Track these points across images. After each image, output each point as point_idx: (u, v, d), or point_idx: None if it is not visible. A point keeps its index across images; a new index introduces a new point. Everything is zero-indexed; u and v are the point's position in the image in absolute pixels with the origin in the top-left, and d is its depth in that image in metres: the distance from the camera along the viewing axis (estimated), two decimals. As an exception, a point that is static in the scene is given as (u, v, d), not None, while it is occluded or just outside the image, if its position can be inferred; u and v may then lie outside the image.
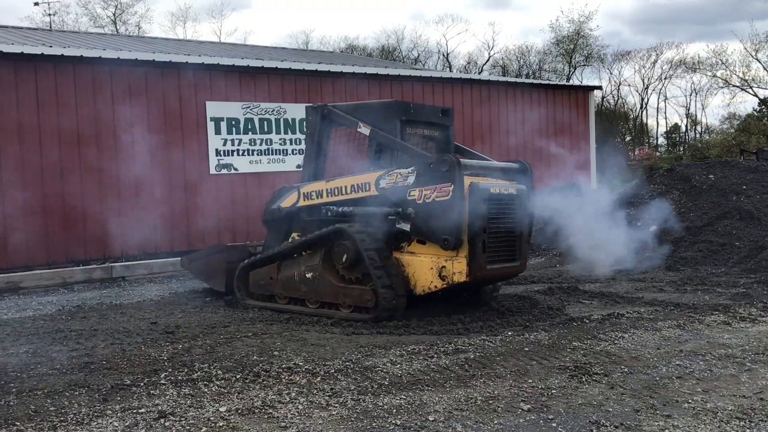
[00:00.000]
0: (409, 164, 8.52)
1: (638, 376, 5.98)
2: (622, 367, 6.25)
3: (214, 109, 14.73)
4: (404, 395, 5.59)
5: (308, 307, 9.01)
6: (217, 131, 14.76)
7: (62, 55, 13.28)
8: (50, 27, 37.65)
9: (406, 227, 8.48)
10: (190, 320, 8.68)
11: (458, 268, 8.15)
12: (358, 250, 8.46)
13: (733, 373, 6.05)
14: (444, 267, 8.20)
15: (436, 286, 8.32)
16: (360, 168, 9.33)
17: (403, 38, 65.17)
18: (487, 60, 62.98)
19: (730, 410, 5.16)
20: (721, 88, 50.04)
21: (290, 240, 9.64)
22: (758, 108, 46.53)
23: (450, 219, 8.07)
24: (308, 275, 9.00)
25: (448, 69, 59.01)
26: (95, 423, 5.10)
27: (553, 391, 5.63)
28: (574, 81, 54.38)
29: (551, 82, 27.38)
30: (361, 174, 9.07)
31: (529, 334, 7.52)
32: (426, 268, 8.35)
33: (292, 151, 15.77)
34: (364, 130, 9.19)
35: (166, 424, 5.05)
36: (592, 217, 11.19)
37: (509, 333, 7.63)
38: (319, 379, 6.05)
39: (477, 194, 8.13)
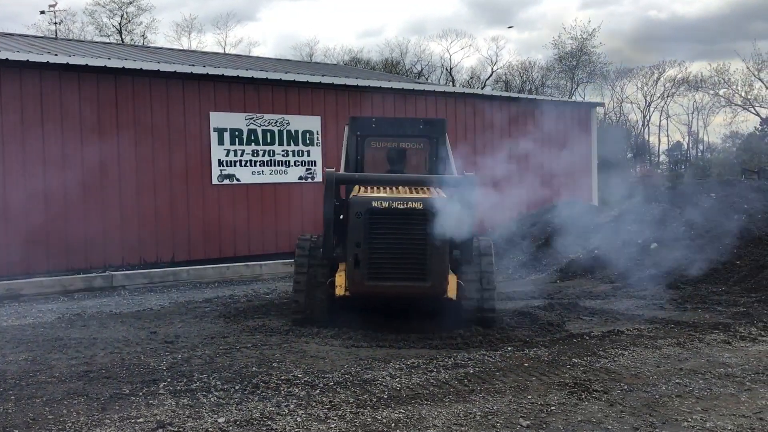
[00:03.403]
0: None
1: (638, 394, 5.97)
2: (622, 384, 6.24)
3: (218, 119, 14.79)
4: (403, 409, 5.58)
5: None
6: (220, 142, 14.81)
7: (67, 63, 13.35)
8: (56, 35, 37.80)
9: None
10: (190, 330, 8.67)
11: (339, 282, 8.15)
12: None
13: (732, 392, 6.03)
14: (334, 280, 8.24)
15: (336, 295, 8.28)
16: None
17: (406, 52, 65.15)
18: (490, 75, 63.13)
19: (730, 429, 5.15)
20: (724, 107, 50.09)
21: None
22: (760, 127, 46.62)
23: (326, 232, 8.20)
24: None
25: (451, 83, 59.18)
26: (93, 432, 5.10)
27: (553, 408, 5.62)
28: (577, 97, 54.49)
29: (553, 98, 27.45)
30: None
31: (529, 350, 7.51)
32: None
33: (295, 162, 15.82)
34: None
35: (164, 434, 5.05)
36: None
37: (509, 348, 7.62)
38: (318, 391, 6.04)
39: (354, 208, 7.91)
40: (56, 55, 15.05)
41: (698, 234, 12.53)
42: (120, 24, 52.30)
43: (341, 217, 8.56)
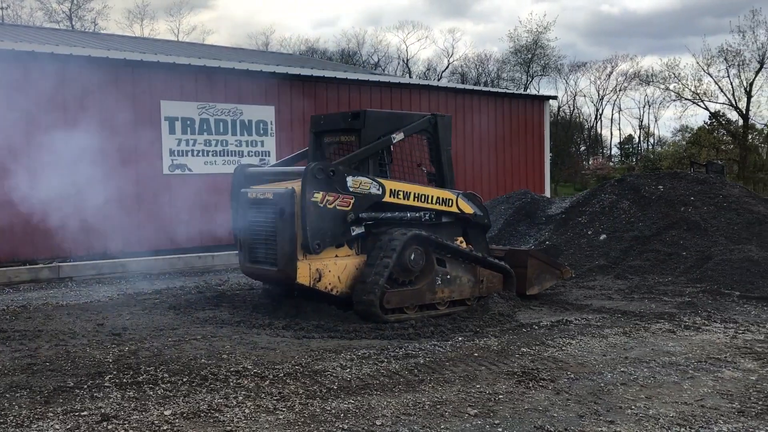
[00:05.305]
0: None
1: (584, 382, 6.06)
2: (569, 373, 6.33)
3: (169, 108, 14.55)
4: (352, 400, 5.58)
5: None
6: (172, 131, 14.58)
7: (12, 50, 13.00)
8: (2, 20, 36.79)
9: None
10: (138, 322, 8.54)
11: None
12: None
13: (675, 380, 6.17)
14: None
15: None
16: None
17: (363, 43, 65.15)
18: (447, 67, 63.46)
19: (672, 417, 5.26)
20: (674, 101, 51.01)
21: None
22: (709, 121, 47.62)
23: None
24: None
25: (407, 75, 59.23)
26: (36, 425, 4.99)
27: (500, 397, 5.68)
28: (532, 90, 55.06)
29: (508, 91, 27.68)
30: None
31: (479, 340, 7.58)
32: None
33: (248, 152, 15.66)
34: None
35: (109, 427, 4.97)
36: None
37: (460, 338, 7.68)
38: (267, 383, 6.01)
39: (240, 198, 9.16)
40: (2, 41, 14.65)
41: (646, 225, 12.77)
42: (70, 10, 51.14)
43: None
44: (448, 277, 9.12)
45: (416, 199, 9.24)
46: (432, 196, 9.42)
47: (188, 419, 5.12)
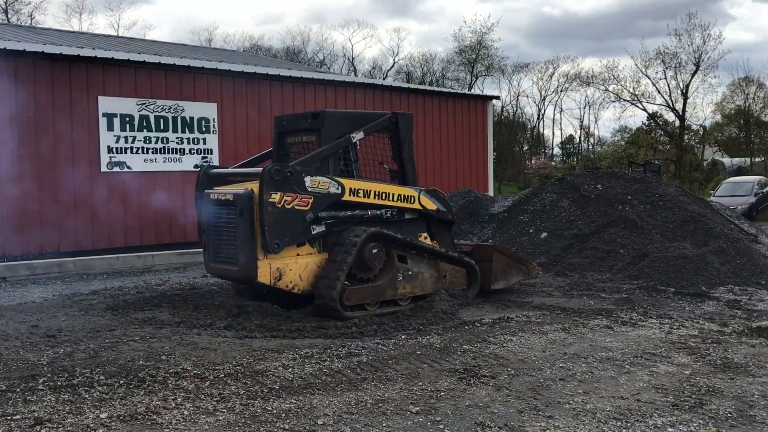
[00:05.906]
0: None
1: (524, 378, 6.15)
2: (509, 369, 6.41)
3: (107, 104, 14.22)
4: (294, 399, 5.55)
5: None
6: (110, 128, 14.25)
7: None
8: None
9: None
10: (74, 323, 8.33)
11: None
12: None
13: (612, 375, 6.30)
14: None
15: None
16: None
17: (308, 40, 64.88)
18: (392, 66, 63.62)
19: (609, 411, 5.37)
20: (613, 102, 52.09)
21: None
22: (647, 122, 48.76)
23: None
24: None
25: (353, 73, 59.18)
26: (-36, 431, 4.83)
27: (442, 394, 5.71)
28: (476, 90, 55.58)
29: (452, 91, 27.85)
30: None
31: (422, 338, 7.62)
32: None
33: (190, 150, 15.42)
34: None
35: (42, 431, 4.83)
36: None
37: (402, 336, 7.71)
38: (207, 383, 5.92)
39: (204, 199, 9.21)
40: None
41: (585, 223, 13.02)
42: (6, 3, 49.57)
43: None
44: (410, 273, 9.18)
45: (377, 197, 9.25)
46: (393, 194, 9.44)
47: (125, 422, 5.02)
